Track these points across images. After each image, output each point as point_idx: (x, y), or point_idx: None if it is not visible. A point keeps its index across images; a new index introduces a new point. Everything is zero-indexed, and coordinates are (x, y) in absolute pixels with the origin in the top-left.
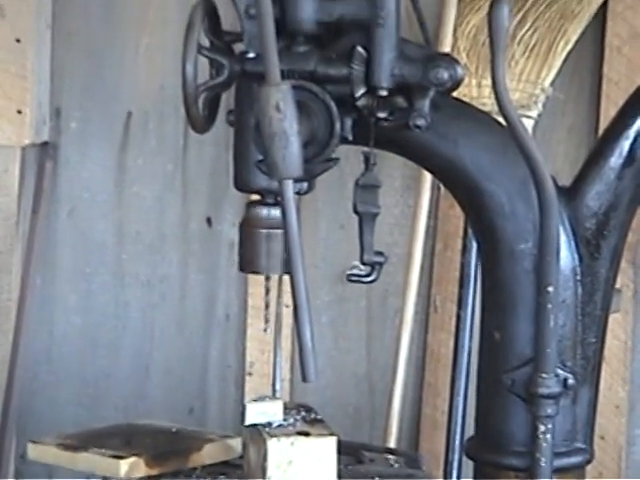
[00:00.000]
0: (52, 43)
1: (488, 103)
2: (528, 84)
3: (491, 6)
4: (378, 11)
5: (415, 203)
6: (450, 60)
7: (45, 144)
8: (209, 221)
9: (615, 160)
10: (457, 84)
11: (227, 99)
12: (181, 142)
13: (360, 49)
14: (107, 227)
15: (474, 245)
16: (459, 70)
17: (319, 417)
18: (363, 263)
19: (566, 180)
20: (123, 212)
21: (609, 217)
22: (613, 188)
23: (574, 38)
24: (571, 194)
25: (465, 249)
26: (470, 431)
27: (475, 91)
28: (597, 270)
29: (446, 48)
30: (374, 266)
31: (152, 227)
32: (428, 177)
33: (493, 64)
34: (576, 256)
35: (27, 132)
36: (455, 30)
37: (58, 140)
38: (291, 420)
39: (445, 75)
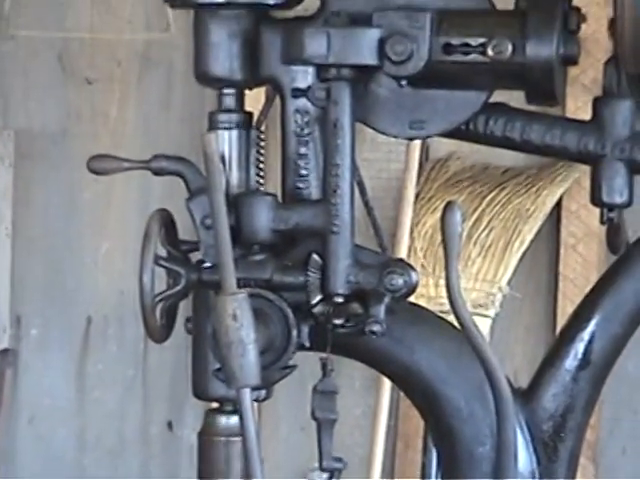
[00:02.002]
0: (12, 251)
1: (445, 303)
2: (485, 283)
3: (444, 212)
4: (333, 219)
5: (375, 403)
6: (405, 266)
7: (5, 351)
8: (170, 425)
9: (570, 362)
10: (412, 290)
11: (186, 305)
12: (141, 346)
13: (315, 257)
14: (68, 433)
15: None
16: (414, 276)
17: None
18: (322, 469)
19: (525, 379)
20: (84, 418)
21: (566, 419)
22: (569, 390)
23: (529, 237)
24: (527, 396)
25: (426, 449)
26: None
27: (432, 291)
28: (555, 472)
29: (403, 249)
30: (333, 472)
31: (113, 432)
32: None
33: (447, 270)
34: (534, 458)
35: None
36: (412, 230)
37: (18, 347)
38: None
39: (400, 281)
